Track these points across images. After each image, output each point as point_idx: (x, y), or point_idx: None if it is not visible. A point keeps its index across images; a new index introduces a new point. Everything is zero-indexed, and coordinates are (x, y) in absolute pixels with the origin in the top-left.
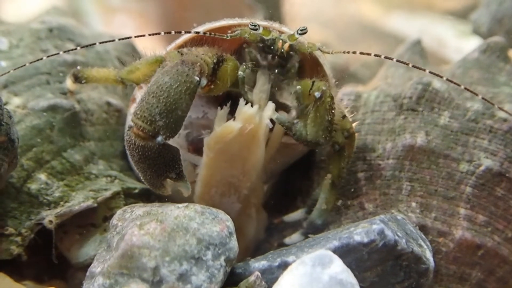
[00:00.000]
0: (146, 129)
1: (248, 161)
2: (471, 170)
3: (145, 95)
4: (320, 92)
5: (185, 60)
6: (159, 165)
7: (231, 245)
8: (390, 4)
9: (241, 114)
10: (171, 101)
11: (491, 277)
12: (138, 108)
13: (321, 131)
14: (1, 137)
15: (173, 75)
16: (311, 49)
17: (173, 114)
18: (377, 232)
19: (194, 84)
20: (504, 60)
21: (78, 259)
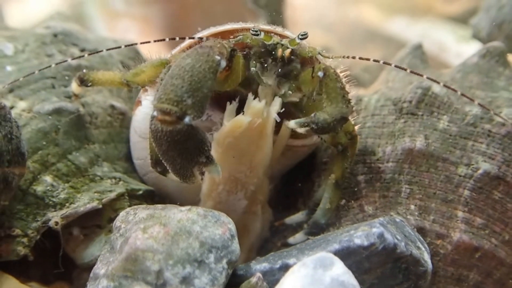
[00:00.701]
0: (173, 110)
1: (256, 156)
2: (469, 174)
3: (167, 79)
4: (322, 71)
5: (203, 44)
6: (189, 149)
7: (233, 247)
8: (391, 9)
9: (250, 109)
10: (196, 79)
11: (489, 279)
12: (161, 93)
13: (340, 103)
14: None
15: (194, 56)
16: (311, 53)
17: (199, 92)
18: (377, 236)
19: (216, 63)
20: (503, 65)
21: (83, 260)
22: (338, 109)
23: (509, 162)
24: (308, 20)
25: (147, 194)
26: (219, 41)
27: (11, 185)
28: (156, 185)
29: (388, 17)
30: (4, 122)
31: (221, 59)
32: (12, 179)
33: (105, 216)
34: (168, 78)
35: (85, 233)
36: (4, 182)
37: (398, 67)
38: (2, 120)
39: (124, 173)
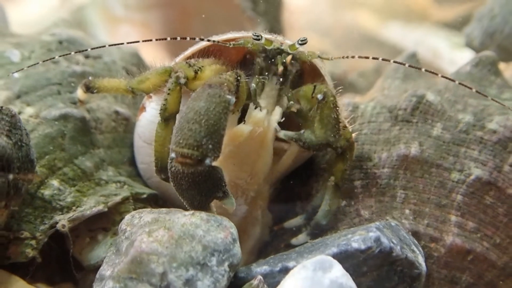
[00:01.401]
0: (194, 155)
1: (257, 164)
2: (462, 179)
3: (183, 123)
4: (322, 94)
5: (211, 83)
6: (208, 187)
7: (235, 251)
8: (387, 14)
9: (251, 118)
10: (212, 122)
11: (480, 281)
12: (179, 137)
13: (329, 131)
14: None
15: (207, 99)
16: (311, 57)
17: (216, 134)
18: (373, 240)
19: (228, 103)
20: (495, 74)
21: (89, 262)
22: (325, 136)
23: (500, 168)
24: (304, 24)
25: (151, 198)
26: (225, 78)
27: (21, 191)
28: (159, 188)
29: (383, 22)
30: (15, 130)
31: (231, 97)
32: (21, 185)
33: (110, 219)
34: (184, 122)
35: (91, 235)
36: (14, 188)
37: (398, 62)
38: (13, 128)
39: (128, 177)
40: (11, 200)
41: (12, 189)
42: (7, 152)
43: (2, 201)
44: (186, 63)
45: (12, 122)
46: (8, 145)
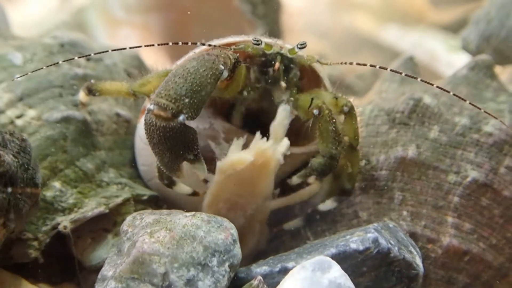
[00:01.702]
0: (169, 107)
1: (257, 187)
2: (459, 181)
3: (170, 77)
4: (318, 109)
5: (210, 52)
6: (178, 146)
7: (235, 252)
8: (385, 17)
9: (255, 148)
10: (197, 82)
11: (477, 281)
12: (162, 88)
13: (330, 143)
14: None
15: (200, 61)
16: (310, 61)
17: (198, 95)
18: (371, 241)
19: (219, 71)
20: (490, 77)
21: (91, 262)
22: (328, 149)
23: (496, 170)
24: (302, 26)
25: (152, 199)
26: (225, 51)
27: (21, 212)
28: (160, 190)
29: (381, 25)
30: (23, 153)
31: (224, 68)
32: (22, 206)
33: (111, 220)
34: (171, 76)
35: (93, 236)
36: (15, 207)
37: (394, 71)
38: (22, 151)
39: (129, 178)
40: (10, 219)
41: (12, 208)
42: (11, 169)
43: (1, 218)
44: None
45: (22, 146)
46: (13, 163)
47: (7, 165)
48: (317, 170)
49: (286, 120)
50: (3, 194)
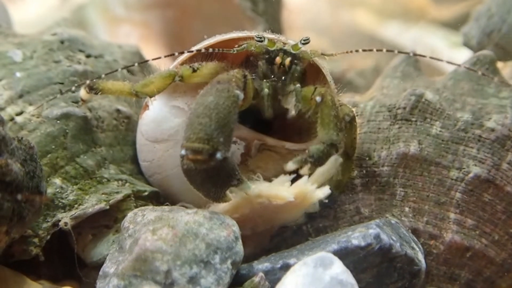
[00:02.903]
0: (204, 149)
1: (281, 216)
2: (461, 177)
3: (193, 118)
4: (321, 97)
5: (220, 80)
6: (222, 179)
7: (237, 249)
8: (385, 13)
9: (298, 189)
10: (222, 116)
11: (479, 277)
12: (190, 132)
13: (331, 129)
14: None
15: (216, 94)
16: (314, 55)
17: (226, 128)
18: (373, 236)
19: (237, 97)
20: (492, 73)
21: (92, 259)
22: (328, 136)
23: (499, 166)
24: (302, 23)
25: (153, 195)
26: (233, 74)
27: (24, 220)
28: (161, 186)
29: (381, 21)
30: (30, 161)
31: (240, 92)
32: (26, 215)
33: (112, 216)
34: (193, 117)
35: (94, 233)
36: (18, 215)
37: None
38: (29, 159)
39: (130, 175)
40: (13, 227)
41: (15, 216)
42: (18, 178)
43: (4, 226)
44: (190, 66)
45: (29, 153)
46: (20, 172)
47: (14, 174)
48: (314, 157)
49: (333, 169)
50: (8, 202)
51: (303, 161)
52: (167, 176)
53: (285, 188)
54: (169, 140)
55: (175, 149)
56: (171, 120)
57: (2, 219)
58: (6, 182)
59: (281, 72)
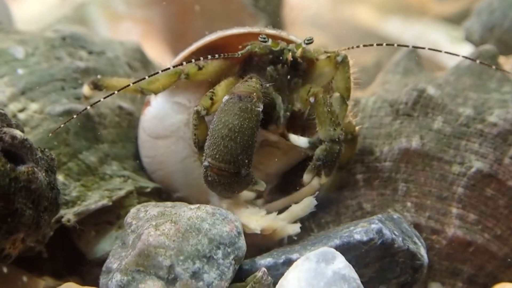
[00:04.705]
0: (230, 168)
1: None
2: (463, 172)
3: (218, 139)
4: (314, 97)
5: (241, 95)
6: (242, 187)
7: (240, 244)
8: (386, 9)
9: (267, 222)
10: (246, 138)
11: (481, 272)
12: (215, 152)
13: (328, 126)
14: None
15: (239, 115)
16: (317, 54)
17: (250, 148)
18: (375, 231)
19: (258, 113)
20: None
21: (95, 255)
22: (326, 132)
23: (501, 161)
24: (304, 19)
25: (155, 191)
26: (253, 86)
27: (40, 230)
28: (163, 182)
29: (383, 17)
30: (51, 172)
31: (260, 107)
32: (42, 225)
33: (115, 213)
34: (219, 138)
35: (96, 229)
36: (35, 224)
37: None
38: (50, 170)
39: (132, 171)
40: (29, 235)
41: (34, 225)
42: (42, 187)
43: (22, 233)
44: (195, 65)
45: (50, 164)
46: (44, 181)
47: (39, 182)
48: (322, 159)
49: (308, 209)
50: (30, 210)
51: (315, 168)
52: (169, 172)
53: (256, 218)
54: (171, 136)
55: (177, 145)
56: (173, 116)
57: (21, 226)
58: (31, 189)
59: (286, 71)
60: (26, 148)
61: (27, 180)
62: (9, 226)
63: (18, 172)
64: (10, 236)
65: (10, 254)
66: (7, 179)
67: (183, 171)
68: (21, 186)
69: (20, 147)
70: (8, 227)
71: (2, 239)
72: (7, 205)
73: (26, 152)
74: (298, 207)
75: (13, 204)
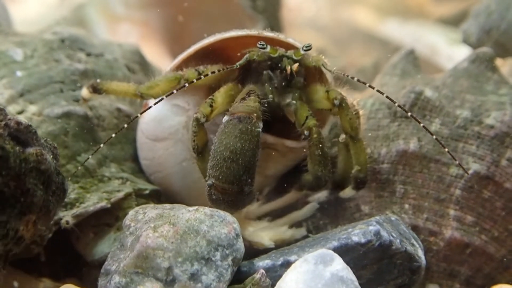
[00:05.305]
0: (234, 189)
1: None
2: (460, 174)
3: (220, 160)
4: (308, 131)
5: (240, 116)
6: (245, 203)
7: (238, 246)
8: (384, 11)
9: (277, 235)
10: (248, 159)
11: (479, 273)
12: (218, 173)
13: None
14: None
15: (240, 137)
16: (315, 63)
17: (252, 168)
18: (373, 233)
19: (259, 134)
20: (491, 70)
21: (93, 257)
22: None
23: (498, 163)
24: (302, 21)
25: (154, 194)
26: (251, 106)
27: (50, 214)
28: (162, 184)
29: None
30: (55, 160)
31: (260, 127)
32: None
33: (113, 214)
34: (221, 160)
35: (95, 231)
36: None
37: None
38: (54, 157)
39: (131, 173)
40: (40, 218)
41: (44, 208)
42: (51, 169)
43: (34, 215)
44: (195, 70)
45: (54, 152)
46: (52, 163)
47: (48, 163)
48: (306, 186)
49: (309, 213)
50: (41, 191)
51: (300, 188)
52: (167, 175)
53: (266, 234)
54: (169, 139)
55: (176, 147)
56: (171, 119)
57: (34, 207)
58: (41, 170)
59: (284, 77)
60: (32, 133)
61: (36, 161)
62: (22, 206)
63: (28, 153)
64: (24, 216)
65: (23, 237)
66: (17, 160)
67: (182, 173)
68: (31, 167)
69: (25, 132)
70: (21, 206)
71: (17, 219)
72: (19, 186)
73: (31, 137)
74: (300, 213)
75: (25, 185)
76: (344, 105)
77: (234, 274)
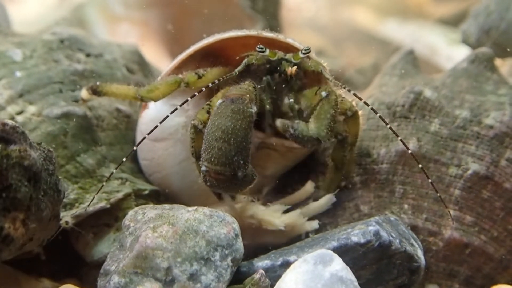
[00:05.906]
0: (226, 171)
1: (262, 237)
2: (460, 174)
3: (212, 141)
4: (327, 92)
5: (233, 97)
6: (243, 187)
7: (237, 246)
8: (384, 11)
9: (290, 219)
10: (240, 140)
11: (478, 273)
12: (210, 155)
13: (323, 126)
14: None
15: (232, 117)
16: (314, 68)
17: (245, 149)
18: (373, 233)
19: (251, 115)
20: (491, 70)
21: (93, 257)
22: (318, 130)
23: (497, 163)
24: (301, 21)
25: (153, 194)
26: (246, 88)
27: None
28: (161, 185)
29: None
30: (49, 162)
31: (253, 109)
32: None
33: (113, 215)
34: (212, 140)
35: (94, 231)
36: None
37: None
38: (48, 160)
39: (130, 173)
40: (30, 216)
41: (33, 206)
42: (36, 165)
43: (21, 213)
44: (195, 73)
45: (48, 155)
46: (39, 160)
47: (32, 159)
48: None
49: (327, 206)
50: (26, 188)
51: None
52: (167, 175)
53: (278, 215)
54: (168, 139)
55: (175, 147)
56: (170, 119)
57: (19, 205)
58: (24, 166)
59: (282, 80)
60: (18, 133)
61: (19, 157)
62: (5, 201)
63: (10, 150)
64: (8, 213)
65: (10, 235)
66: None
67: (181, 173)
68: (13, 163)
69: (11, 133)
70: (4, 202)
71: (0, 216)
72: (0, 181)
73: (18, 137)
74: (318, 203)
75: (7, 180)
76: (356, 116)
77: (233, 274)
